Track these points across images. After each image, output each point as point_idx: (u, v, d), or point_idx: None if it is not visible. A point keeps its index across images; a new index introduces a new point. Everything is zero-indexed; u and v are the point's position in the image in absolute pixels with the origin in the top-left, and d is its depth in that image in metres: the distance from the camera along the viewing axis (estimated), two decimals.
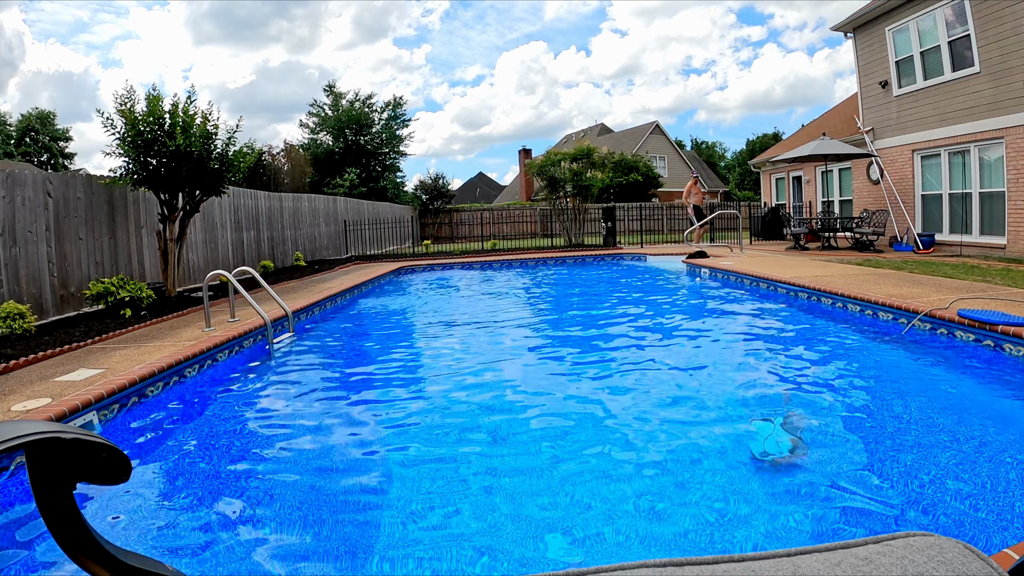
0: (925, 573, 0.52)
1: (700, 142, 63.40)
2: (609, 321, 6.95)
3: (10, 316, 5.45)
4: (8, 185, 6.19)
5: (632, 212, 23.83)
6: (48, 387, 3.81)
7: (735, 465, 2.91)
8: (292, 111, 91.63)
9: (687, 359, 5.07)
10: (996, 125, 10.22)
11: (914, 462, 2.91)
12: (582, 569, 0.56)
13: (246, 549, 2.34)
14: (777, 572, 0.55)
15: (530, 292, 10.07)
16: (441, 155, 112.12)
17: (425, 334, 6.71)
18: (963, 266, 8.61)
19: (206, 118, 7.81)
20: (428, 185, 30.73)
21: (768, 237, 16.86)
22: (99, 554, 0.58)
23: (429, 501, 2.68)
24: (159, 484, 2.93)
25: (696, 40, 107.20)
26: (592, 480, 2.82)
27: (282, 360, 5.38)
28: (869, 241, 12.36)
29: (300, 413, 3.97)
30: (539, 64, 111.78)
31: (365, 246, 18.55)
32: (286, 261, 13.90)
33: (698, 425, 3.49)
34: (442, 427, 3.61)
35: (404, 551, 2.28)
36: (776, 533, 2.29)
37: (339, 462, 3.17)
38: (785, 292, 7.64)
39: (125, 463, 0.60)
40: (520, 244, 19.47)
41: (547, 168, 17.17)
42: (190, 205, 8.32)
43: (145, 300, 7.04)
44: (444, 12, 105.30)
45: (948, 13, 10.95)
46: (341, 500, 2.74)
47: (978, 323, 4.57)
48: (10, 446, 0.50)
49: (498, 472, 2.96)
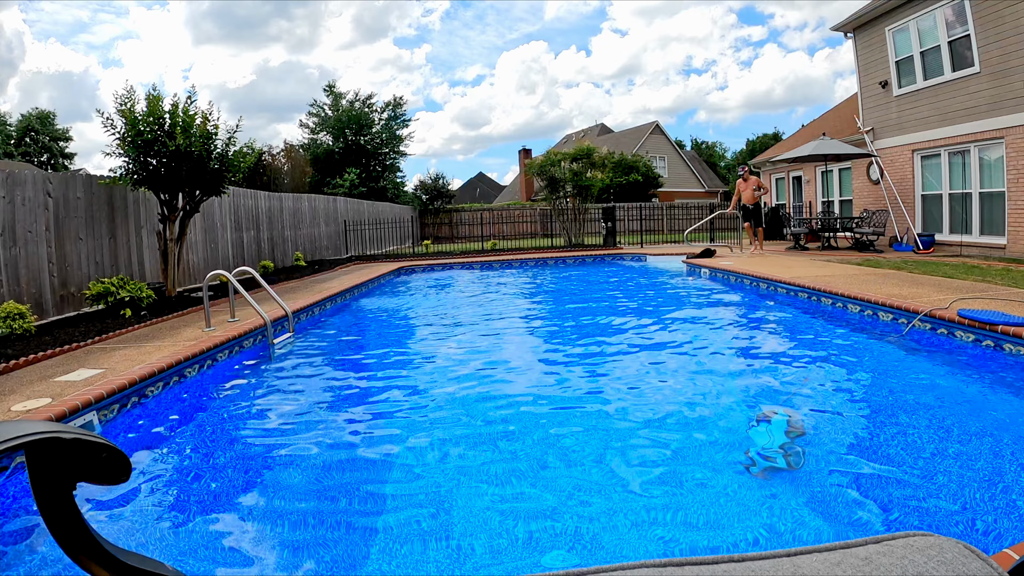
0: (925, 573, 0.52)
1: (700, 142, 63.41)
2: (609, 321, 6.95)
3: (10, 316, 5.45)
4: (8, 185, 6.19)
5: (632, 212, 23.83)
6: (48, 387, 3.81)
7: (734, 466, 2.91)
8: (292, 111, 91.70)
9: (686, 359, 5.07)
10: (996, 125, 10.22)
11: (914, 462, 2.91)
12: (582, 569, 0.56)
13: (246, 549, 2.34)
14: (777, 572, 0.55)
15: (530, 292, 10.07)
16: (441, 155, 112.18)
17: (425, 334, 6.71)
18: (963, 266, 8.61)
19: (206, 118, 7.81)
20: (428, 185, 30.73)
21: (768, 237, 16.85)
22: (99, 554, 0.58)
23: (428, 502, 2.68)
24: (159, 484, 2.93)
25: (697, 40, 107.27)
26: (594, 485, 2.82)
27: (282, 360, 5.38)
28: (869, 241, 12.36)
29: (300, 412, 3.97)
30: (539, 64, 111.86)
31: (365, 246, 18.55)
32: (286, 261, 13.90)
33: (697, 425, 3.49)
34: (442, 427, 3.61)
35: (404, 551, 2.28)
36: (776, 533, 2.29)
37: (339, 462, 3.17)
38: (785, 292, 7.64)
39: (125, 463, 0.60)
40: (520, 244, 19.47)
41: (547, 168, 17.17)
42: (190, 205, 8.32)
43: (145, 300, 7.04)
44: (444, 12, 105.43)
45: (948, 13, 10.95)
46: (341, 499, 2.74)
47: (978, 323, 4.57)
48: (10, 446, 0.50)
49: (499, 472, 2.96)
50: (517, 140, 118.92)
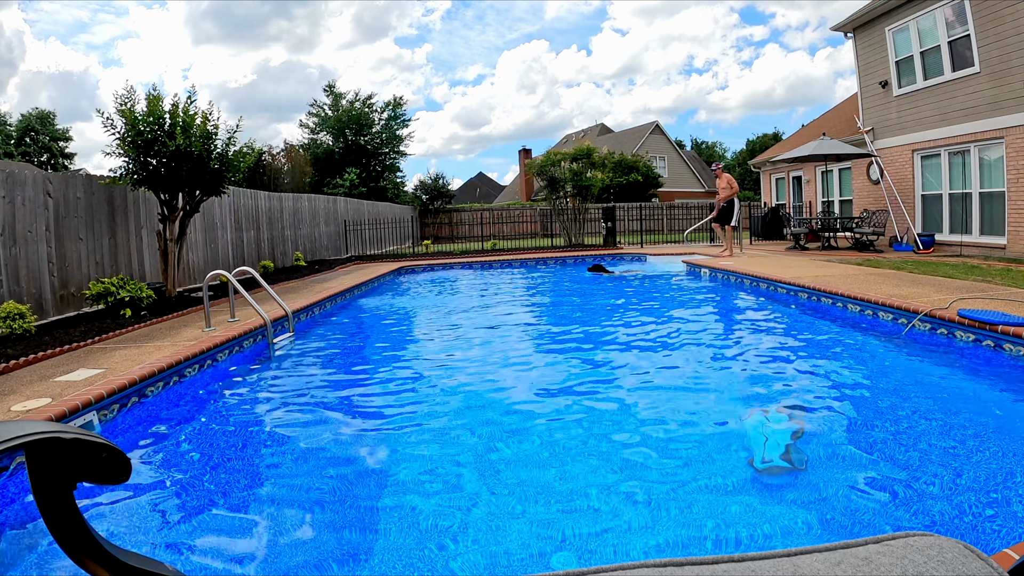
0: (925, 573, 0.52)
1: (700, 142, 63.46)
2: (608, 320, 6.95)
3: (10, 316, 5.45)
4: (8, 185, 6.19)
5: (632, 212, 23.81)
6: (48, 387, 3.81)
7: (734, 465, 2.91)
8: (292, 111, 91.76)
9: (685, 358, 5.07)
10: (996, 125, 10.22)
11: (914, 462, 2.91)
12: (582, 569, 0.56)
13: (245, 548, 2.34)
14: (777, 572, 0.55)
15: (530, 292, 10.07)
16: (441, 155, 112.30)
17: (425, 334, 6.71)
18: (963, 266, 8.60)
19: (206, 118, 7.81)
20: (428, 185, 30.73)
21: (768, 237, 16.86)
22: (99, 554, 0.58)
23: (428, 501, 2.68)
24: (159, 484, 2.93)
25: (698, 39, 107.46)
26: (593, 485, 2.82)
27: (282, 360, 5.38)
28: (869, 241, 12.36)
29: (300, 413, 3.97)
30: (540, 64, 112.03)
31: (365, 246, 18.55)
32: (286, 261, 13.90)
33: (695, 425, 3.49)
34: (441, 426, 3.61)
35: (402, 552, 2.28)
36: (775, 533, 2.30)
37: (339, 461, 3.17)
38: (785, 292, 7.64)
39: (125, 463, 0.60)
40: (520, 244, 19.46)
41: (547, 168, 17.16)
42: (190, 205, 8.32)
43: (145, 300, 7.04)
44: (445, 11, 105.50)
45: (948, 13, 10.95)
46: (341, 499, 2.74)
47: (978, 323, 4.57)
48: (10, 446, 0.50)
49: (498, 473, 2.96)
50: (517, 140, 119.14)
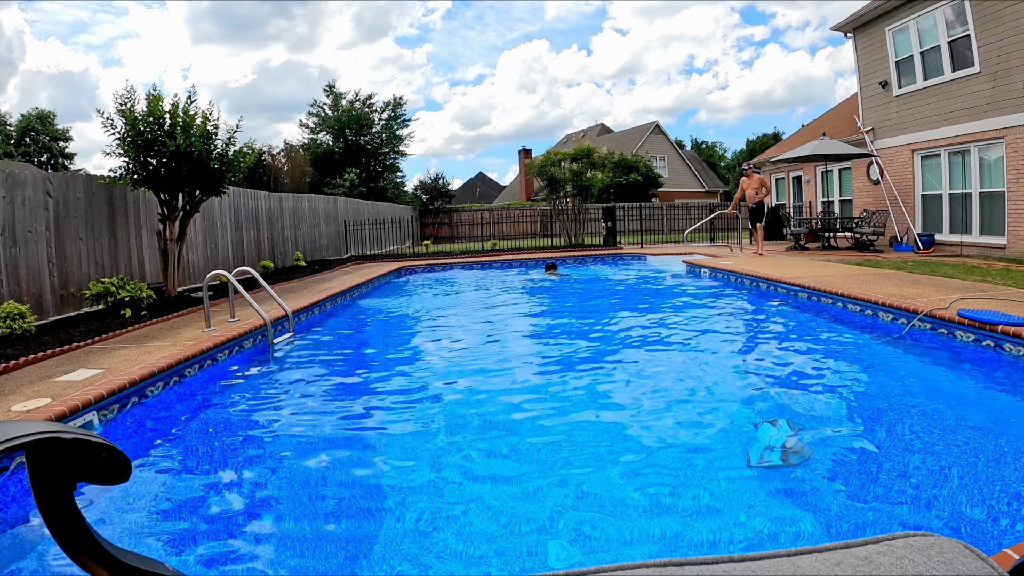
0: (925, 573, 0.52)
1: (700, 142, 63.44)
2: (608, 320, 6.95)
3: (10, 316, 5.45)
4: (8, 185, 6.19)
5: (632, 212, 23.81)
6: (48, 387, 3.81)
7: (733, 464, 2.91)
8: (292, 111, 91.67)
9: (685, 358, 5.07)
10: (996, 125, 10.22)
11: (914, 462, 2.91)
12: (582, 569, 0.56)
13: (245, 549, 2.34)
14: (777, 572, 0.55)
15: (530, 292, 10.07)
16: (441, 155, 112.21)
17: (425, 334, 6.70)
18: (963, 266, 8.61)
19: (206, 118, 7.81)
20: (428, 185, 30.72)
21: (768, 237, 16.85)
22: (99, 554, 0.58)
23: (428, 502, 2.68)
24: (159, 484, 2.93)
25: (699, 39, 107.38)
26: (594, 482, 2.82)
27: (282, 360, 5.38)
28: (869, 241, 12.36)
29: (300, 413, 3.97)
30: (540, 63, 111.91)
31: (365, 246, 18.55)
32: (286, 261, 13.90)
33: (694, 424, 3.49)
34: (442, 426, 3.61)
35: (401, 552, 2.28)
36: (775, 533, 2.30)
37: (339, 461, 3.17)
38: (785, 292, 7.64)
39: (125, 463, 0.60)
40: (520, 244, 19.46)
41: (547, 168, 17.16)
42: (190, 205, 8.32)
43: (145, 300, 7.04)
44: (445, 11, 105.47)
45: (948, 13, 10.95)
46: (341, 499, 2.74)
47: (978, 323, 4.57)
48: (10, 446, 0.50)
49: (499, 472, 2.96)
50: (517, 140, 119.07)
